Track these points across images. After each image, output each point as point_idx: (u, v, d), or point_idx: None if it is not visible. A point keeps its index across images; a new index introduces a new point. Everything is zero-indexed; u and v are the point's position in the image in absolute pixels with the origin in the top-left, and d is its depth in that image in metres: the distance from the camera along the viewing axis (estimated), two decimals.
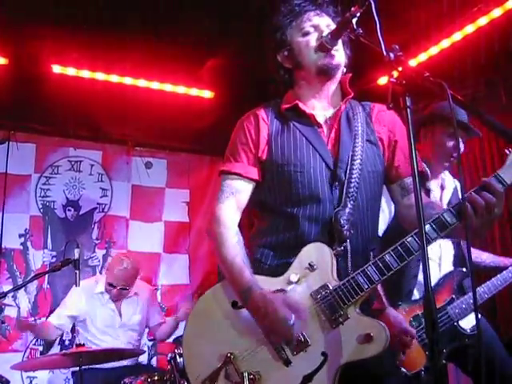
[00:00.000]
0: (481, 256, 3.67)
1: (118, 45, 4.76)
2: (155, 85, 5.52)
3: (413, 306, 3.20)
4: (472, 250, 3.51)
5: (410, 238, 2.02)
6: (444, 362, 3.11)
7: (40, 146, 5.80)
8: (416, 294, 3.28)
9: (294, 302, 2.02)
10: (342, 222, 2.09)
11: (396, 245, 2.03)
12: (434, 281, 3.20)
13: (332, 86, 2.30)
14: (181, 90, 5.63)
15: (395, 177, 2.33)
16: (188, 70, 5.35)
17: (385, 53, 1.77)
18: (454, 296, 3.23)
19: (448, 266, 3.36)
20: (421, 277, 3.21)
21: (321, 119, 2.28)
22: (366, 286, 2.02)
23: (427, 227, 1.99)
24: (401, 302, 3.17)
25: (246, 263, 2.12)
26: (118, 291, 4.68)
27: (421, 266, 3.14)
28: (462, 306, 3.20)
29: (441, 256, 3.39)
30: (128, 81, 5.42)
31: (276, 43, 2.33)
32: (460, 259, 3.40)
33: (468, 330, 3.19)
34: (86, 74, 5.25)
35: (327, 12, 2.29)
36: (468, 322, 3.23)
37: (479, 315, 3.20)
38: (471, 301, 3.18)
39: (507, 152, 2.08)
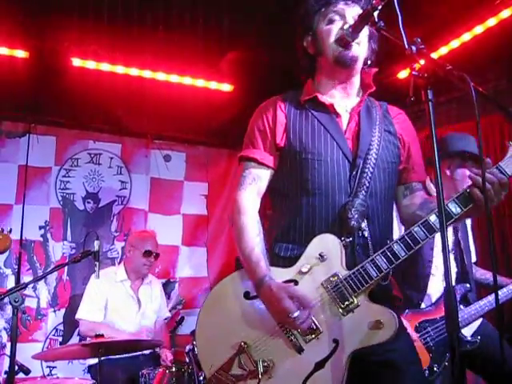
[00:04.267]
0: (485, 275, 3.87)
1: (138, 38, 4.78)
2: (174, 78, 5.53)
3: (418, 312, 3.38)
4: (478, 269, 3.74)
5: (416, 228, 2.07)
6: (446, 364, 3.24)
7: (60, 139, 5.85)
8: (423, 306, 3.46)
9: (301, 293, 2.05)
10: (349, 213, 2.12)
11: (403, 234, 2.08)
12: (438, 294, 3.44)
13: (352, 79, 2.32)
14: (200, 83, 5.63)
15: (405, 179, 2.38)
16: (207, 64, 5.36)
17: (407, 46, 1.77)
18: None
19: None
20: (429, 291, 3.47)
21: (340, 109, 2.30)
22: (375, 275, 2.06)
23: (433, 217, 2.06)
24: (407, 310, 3.37)
25: (263, 254, 2.15)
26: (154, 258, 4.98)
27: (429, 283, 3.44)
28: (464, 316, 3.37)
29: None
30: (147, 74, 5.43)
31: (302, 29, 2.36)
32: (462, 276, 3.55)
33: (468, 337, 3.35)
34: (105, 67, 5.27)
35: (358, 2, 2.27)
36: (469, 330, 3.42)
37: (480, 320, 3.40)
38: (473, 312, 3.38)
39: (508, 144, 2.12)
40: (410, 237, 2.06)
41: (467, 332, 3.38)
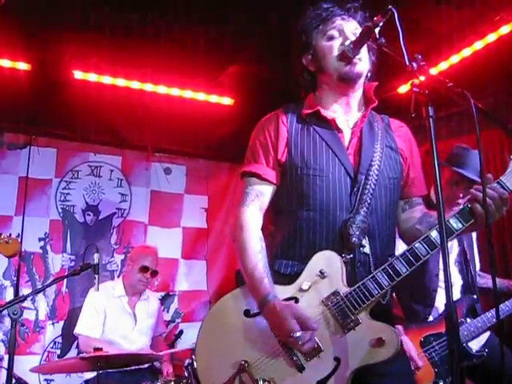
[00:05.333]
0: (488, 281, 3.84)
1: (139, 51, 4.80)
2: (175, 91, 5.55)
3: (424, 326, 3.37)
4: (483, 274, 3.69)
5: (417, 244, 2.05)
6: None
7: (61, 151, 5.85)
8: (431, 319, 3.45)
9: (305, 315, 2.02)
10: (350, 229, 2.10)
11: (404, 250, 2.06)
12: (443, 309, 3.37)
13: (354, 93, 2.31)
14: (201, 96, 5.66)
15: (406, 194, 2.37)
16: (208, 77, 5.38)
17: (408, 62, 1.77)
18: (463, 319, 3.36)
19: (456, 294, 3.48)
20: (437, 304, 3.45)
21: (342, 124, 2.28)
22: (376, 292, 2.04)
23: (434, 233, 2.04)
24: (413, 324, 3.35)
25: (266, 271, 2.12)
26: (150, 275, 4.88)
27: (436, 295, 3.43)
28: (471, 328, 3.35)
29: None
30: (148, 87, 5.46)
31: (301, 46, 2.35)
32: (467, 287, 3.55)
33: (474, 351, 3.35)
34: (107, 80, 5.30)
35: (354, 17, 2.28)
36: (476, 343, 3.40)
37: (488, 332, 3.39)
38: (480, 324, 3.35)
39: (509, 159, 2.12)
40: (412, 253, 2.04)
41: (475, 345, 3.36)
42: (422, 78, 1.73)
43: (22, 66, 4.97)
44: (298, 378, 2.04)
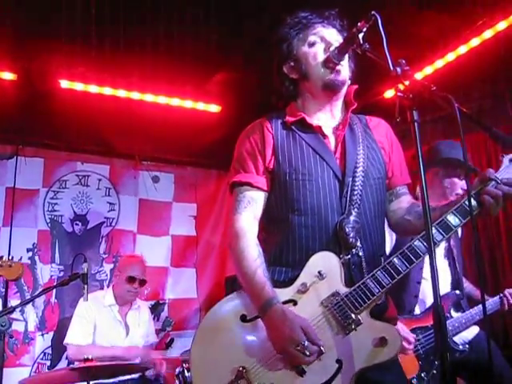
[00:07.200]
0: (474, 293, 3.86)
1: (126, 59, 4.80)
2: (162, 99, 5.55)
3: (410, 319, 3.35)
4: (469, 284, 3.74)
5: (416, 242, 2.06)
6: (434, 372, 3.22)
7: (48, 161, 5.83)
8: (417, 311, 3.43)
9: (314, 330, 1.98)
10: (346, 230, 2.09)
11: (404, 248, 2.06)
12: (430, 301, 3.36)
13: (338, 100, 2.32)
14: (188, 104, 5.66)
15: (390, 185, 2.38)
16: (195, 85, 5.39)
17: (392, 67, 1.79)
18: (448, 315, 3.36)
19: (445, 288, 3.47)
20: (421, 296, 3.41)
21: (326, 130, 2.29)
22: (377, 290, 2.03)
23: (433, 230, 2.00)
24: (399, 316, 3.27)
25: (266, 276, 2.09)
26: (138, 285, 4.83)
27: (420, 287, 3.40)
28: (455, 324, 3.35)
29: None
30: (135, 95, 5.45)
31: (282, 54, 2.34)
32: (456, 283, 3.54)
33: (460, 346, 3.35)
34: (93, 88, 5.29)
35: (333, 25, 2.30)
36: (462, 339, 3.40)
37: (477, 330, 3.38)
38: (464, 320, 3.36)
39: (501, 158, 2.18)
40: (411, 250, 2.04)
41: (459, 341, 3.37)
42: (407, 83, 1.75)
43: (8, 75, 4.95)
44: (299, 382, 1.98)
